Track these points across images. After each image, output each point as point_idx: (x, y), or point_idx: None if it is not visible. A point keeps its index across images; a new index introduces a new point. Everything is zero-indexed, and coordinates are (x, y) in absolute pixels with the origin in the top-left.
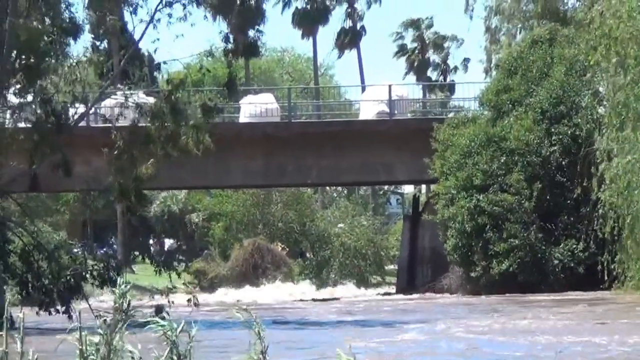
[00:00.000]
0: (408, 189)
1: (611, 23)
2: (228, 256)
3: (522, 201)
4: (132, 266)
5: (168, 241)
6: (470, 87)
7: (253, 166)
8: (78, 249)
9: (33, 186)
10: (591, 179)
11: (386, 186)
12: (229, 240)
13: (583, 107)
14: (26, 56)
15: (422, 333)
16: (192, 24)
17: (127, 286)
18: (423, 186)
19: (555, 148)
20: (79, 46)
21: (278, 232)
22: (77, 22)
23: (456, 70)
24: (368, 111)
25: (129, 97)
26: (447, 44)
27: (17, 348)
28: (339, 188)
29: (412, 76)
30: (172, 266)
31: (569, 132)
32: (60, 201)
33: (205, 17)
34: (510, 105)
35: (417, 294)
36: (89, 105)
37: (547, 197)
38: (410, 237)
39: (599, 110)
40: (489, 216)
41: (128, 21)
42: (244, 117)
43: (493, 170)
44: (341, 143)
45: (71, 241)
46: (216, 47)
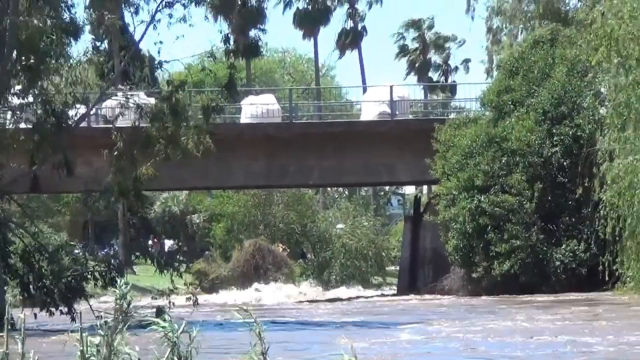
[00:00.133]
0: (409, 190)
1: (612, 23)
2: (229, 257)
3: (524, 202)
4: (133, 267)
5: (168, 242)
6: (471, 88)
7: (254, 167)
8: (79, 250)
9: (34, 187)
10: (592, 180)
11: (387, 187)
12: (230, 241)
13: (584, 108)
14: (27, 57)
15: (419, 333)
16: (191, 25)
17: (128, 287)
18: (424, 187)
19: (556, 149)
20: (80, 47)
21: (279, 233)
22: (78, 23)
23: (457, 69)
24: (369, 112)
25: (130, 98)
26: (448, 45)
27: (18, 349)
28: (340, 189)
29: (413, 77)
30: (174, 266)
31: (571, 133)
32: (61, 202)
33: (206, 18)
34: (511, 105)
35: (418, 295)
36: (90, 106)
37: (549, 198)
38: (411, 238)
39: (601, 110)
40: (490, 217)
41: (129, 22)
42: (245, 118)
43: (494, 171)
44: (342, 144)
45: (72, 242)
46: (217, 48)
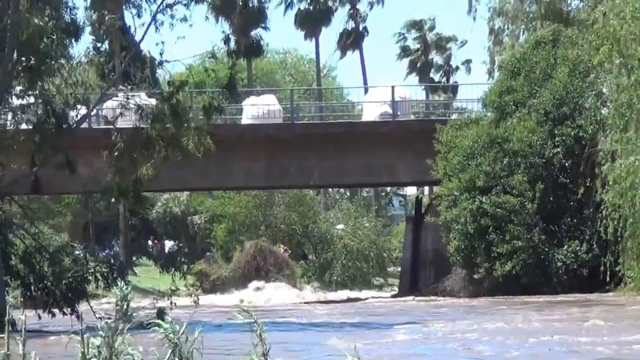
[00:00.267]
0: (410, 191)
1: (614, 24)
2: (230, 258)
3: (525, 203)
4: (134, 268)
5: (168, 243)
6: (473, 89)
7: (255, 168)
8: (80, 251)
9: (35, 188)
10: (594, 181)
11: (388, 188)
12: (231, 242)
13: (586, 109)
14: (27, 57)
15: (416, 334)
16: (191, 25)
17: (128, 288)
18: (426, 188)
19: (558, 149)
20: (81, 47)
21: (280, 234)
22: (78, 23)
23: (457, 69)
24: (371, 112)
25: (130, 99)
26: (450, 45)
27: (19, 350)
28: (342, 190)
29: (414, 77)
30: (176, 266)
31: (572, 134)
32: (62, 203)
33: (206, 18)
34: (513, 106)
35: (419, 296)
36: (91, 106)
37: (550, 199)
38: (412, 239)
39: (603, 111)
40: (492, 218)
41: (130, 24)
42: (246, 119)
43: (496, 171)
44: (344, 144)
45: (73, 243)
46: (219, 48)
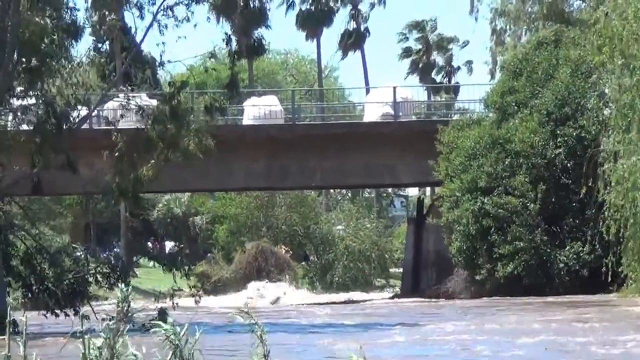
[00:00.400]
0: (412, 192)
1: (616, 24)
2: (231, 259)
3: (527, 203)
4: (135, 269)
5: (169, 244)
6: (475, 89)
7: (256, 168)
8: (81, 252)
9: (35, 189)
10: (596, 181)
11: (390, 189)
12: (233, 243)
13: (589, 109)
14: (28, 58)
15: (416, 335)
16: (195, 25)
17: (129, 289)
18: (427, 189)
19: (560, 150)
20: (81, 48)
21: (282, 235)
22: (78, 24)
23: (459, 69)
24: (372, 113)
25: (131, 100)
26: (451, 46)
27: (20, 352)
28: (343, 191)
29: (415, 77)
30: (177, 266)
31: (575, 134)
32: (62, 204)
33: (208, 19)
34: (515, 107)
35: (421, 297)
36: (92, 107)
37: (552, 200)
38: (414, 240)
39: (605, 112)
40: (494, 219)
41: (130, 24)
42: (248, 120)
43: (498, 172)
44: (345, 145)
45: (74, 244)
46: (219, 49)
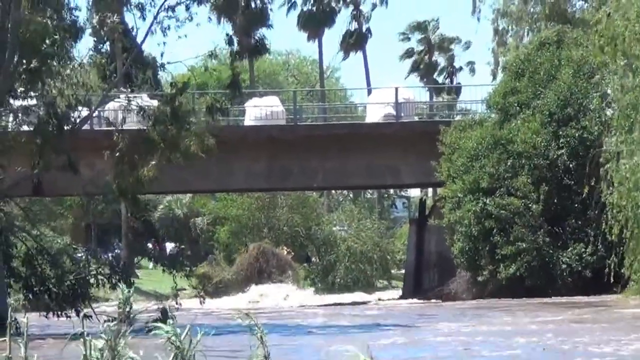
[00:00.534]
0: (414, 193)
1: (619, 24)
2: (233, 260)
3: (529, 204)
4: (136, 271)
5: (169, 245)
6: (477, 90)
7: (258, 169)
8: (82, 253)
9: (36, 190)
10: (599, 182)
11: (392, 190)
12: (234, 244)
13: (591, 110)
14: (28, 59)
15: (411, 337)
16: (198, 24)
17: (131, 291)
18: (429, 189)
19: (562, 151)
20: (82, 48)
21: (283, 236)
22: (79, 25)
23: (461, 69)
24: (374, 114)
25: (132, 101)
26: (453, 47)
27: (21, 353)
28: (345, 192)
29: (416, 77)
30: (177, 267)
31: (577, 135)
32: (63, 205)
33: (209, 19)
34: (517, 107)
35: (423, 299)
36: (92, 108)
37: (555, 201)
38: (416, 241)
39: (607, 112)
40: (496, 220)
41: (129, 23)
42: (249, 120)
43: (500, 173)
44: (347, 146)
45: (75, 245)
46: (220, 49)
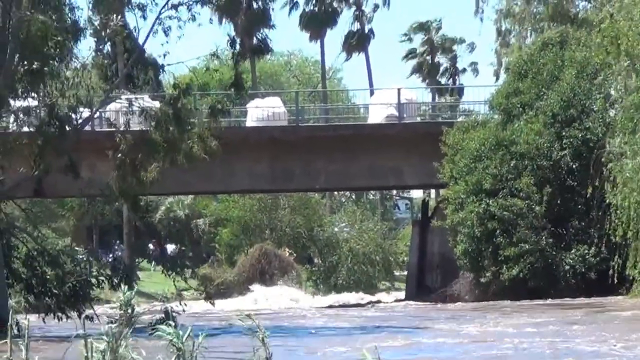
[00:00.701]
0: (417, 194)
1: (622, 25)
2: (235, 262)
3: (533, 206)
4: (137, 273)
5: (170, 247)
6: (480, 91)
7: (260, 170)
8: (83, 255)
9: (37, 191)
10: (602, 183)
11: (394, 191)
12: (236, 245)
13: (594, 111)
14: (30, 60)
15: (408, 338)
16: (200, 25)
17: (132, 292)
18: (432, 191)
19: (565, 152)
20: (83, 50)
21: (285, 238)
22: (80, 25)
23: (465, 71)
24: (377, 115)
25: (134, 102)
26: (456, 47)
27: (22, 355)
28: (347, 193)
29: (418, 77)
30: (178, 270)
31: (580, 136)
32: (65, 207)
33: (210, 21)
34: (520, 108)
35: (427, 300)
36: (94, 109)
37: (558, 202)
38: (419, 243)
39: (611, 113)
40: (499, 221)
41: (131, 23)
42: (251, 121)
43: (503, 174)
44: (349, 147)
45: (77, 247)
46: (222, 50)
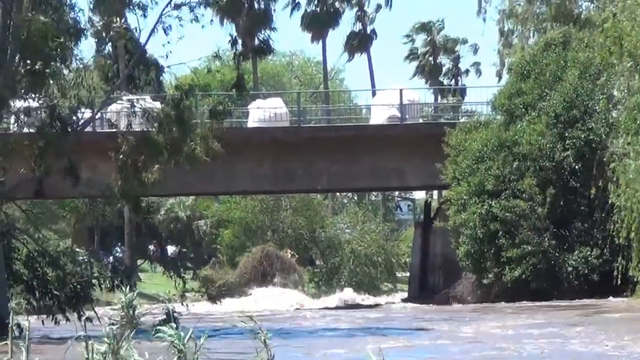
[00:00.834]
0: (419, 195)
1: (625, 25)
2: (236, 263)
3: (535, 207)
4: (139, 274)
5: (171, 248)
6: (482, 91)
7: (261, 172)
8: (84, 256)
9: (38, 193)
10: (605, 184)
11: (396, 192)
12: (237, 247)
13: (597, 111)
14: (31, 61)
15: (406, 340)
16: (203, 26)
17: (134, 294)
18: (435, 192)
19: (568, 153)
20: (84, 50)
21: (287, 239)
22: (81, 26)
23: (467, 72)
24: (379, 116)
25: (135, 104)
26: (458, 48)
27: (23, 357)
28: (349, 194)
29: (421, 79)
30: (178, 272)
31: (583, 137)
32: (66, 208)
33: (211, 21)
34: (523, 109)
35: (430, 302)
36: (95, 110)
37: (561, 203)
38: (421, 244)
39: (613, 114)
40: (502, 222)
41: (132, 24)
42: (253, 122)
43: (505, 175)
44: (352, 148)
45: (78, 248)
46: (224, 50)
